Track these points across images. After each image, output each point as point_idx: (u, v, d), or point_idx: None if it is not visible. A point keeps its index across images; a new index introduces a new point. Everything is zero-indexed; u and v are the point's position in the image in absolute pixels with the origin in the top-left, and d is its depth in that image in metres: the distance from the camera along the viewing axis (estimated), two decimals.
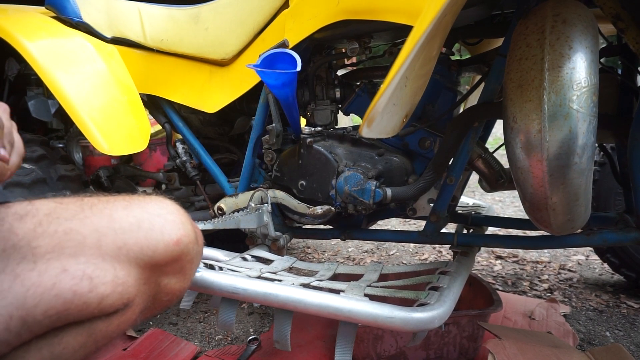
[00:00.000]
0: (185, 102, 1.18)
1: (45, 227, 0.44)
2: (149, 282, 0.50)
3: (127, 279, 0.47)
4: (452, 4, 0.55)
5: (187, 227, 0.54)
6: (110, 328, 0.48)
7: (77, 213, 0.47)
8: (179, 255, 0.52)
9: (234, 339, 1.19)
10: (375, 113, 0.62)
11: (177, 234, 0.52)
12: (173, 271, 0.53)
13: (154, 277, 0.51)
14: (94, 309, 0.44)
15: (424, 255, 1.86)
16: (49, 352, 0.44)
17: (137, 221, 0.49)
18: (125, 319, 0.49)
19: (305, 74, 1.07)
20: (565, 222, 0.75)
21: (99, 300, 0.44)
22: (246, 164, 1.12)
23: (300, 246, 2.04)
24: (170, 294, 0.55)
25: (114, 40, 1.18)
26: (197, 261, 0.57)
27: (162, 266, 0.51)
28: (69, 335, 0.45)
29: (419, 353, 0.97)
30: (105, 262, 0.45)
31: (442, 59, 0.99)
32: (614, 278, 1.54)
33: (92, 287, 0.44)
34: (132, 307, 0.49)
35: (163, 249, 0.50)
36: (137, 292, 0.49)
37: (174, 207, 0.55)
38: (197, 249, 0.56)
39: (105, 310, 0.46)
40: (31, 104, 1.69)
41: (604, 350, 0.81)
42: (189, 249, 0.54)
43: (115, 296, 0.45)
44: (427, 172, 0.92)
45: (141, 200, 0.53)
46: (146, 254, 0.49)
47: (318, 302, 0.73)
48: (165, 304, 0.57)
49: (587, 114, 0.66)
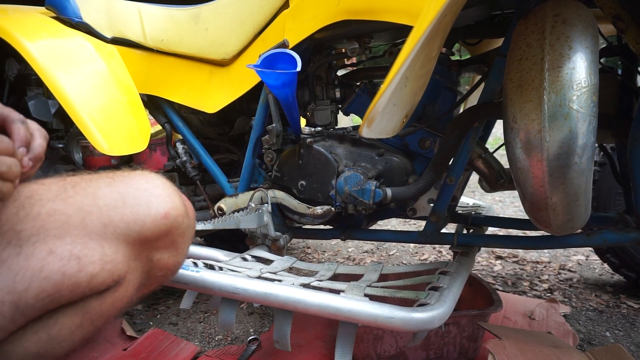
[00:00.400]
0: (185, 102, 1.18)
1: (27, 209, 0.44)
2: (139, 258, 0.50)
3: (115, 256, 0.46)
4: (452, 4, 0.55)
5: (175, 199, 0.53)
6: (104, 306, 0.47)
7: (59, 193, 0.46)
8: (169, 229, 0.51)
9: (234, 339, 1.19)
10: (375, 113, 0.62)
11: (165, 207, 0.51)
12: (164, 246, 0.52)
13: (145, 252, 0.50)
14: (84, 288, 0.44)
15: (424, 255, 1.86)
16: (45, 334, 0.44)
17: (122, 197, 0.49)
18: (119, 296, 0.48)
19: (305, 74, 1.07)
20: (565, 222, 0.75)
21: (89, 279, 0.44)
22: (246, 164, 1.12)
23: (300, 246, 2.04)
24: (164, 269, 0.54)
25: (114, 40, 1.18)
26: (189, 234, 0.56)
27: (152, 241, 0.50)
28: (64, 316, 0.45)
29: (419, 353, 0.97)
30: (91, 241, 0.45)
31: (442, 59, 0.99)
32: (614, 278, 1.54)
33: (81, 266, 0.44)
34: (124, 283, 0.48)
35: (151, 223, 0.49)
36: (128, 268, 0.48)
37: (160, 181, 0.53)
38: (187, 222, 0.55)
39: (97, 288, 0.45)
40: (31, 104, 1.69)
41: (604, 350, 0.81)
42: (179, 222, 0.52)
43: (105, 274, 0.45)
44: (427, 172, 0.92)
45: (125, 176, 0.52)
46: (133, 230, 0.48)
47: (318, 302, 0.73)
48: (160, 280, 0.56)
49: (587, 114, 0.66)
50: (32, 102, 1.71)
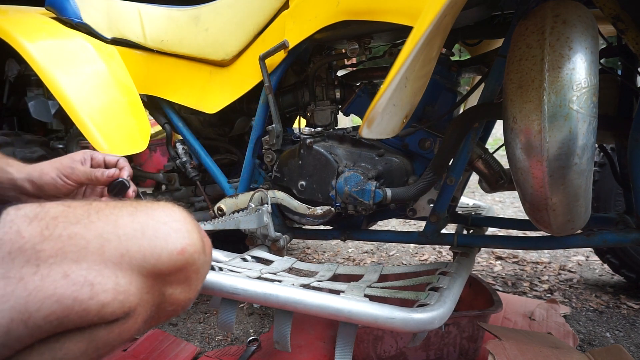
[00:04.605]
0: (185, 102, 1.18)
1: (51, 230, 0.44)
2: (152, 291, 0.49)
3: (129, 287, 0.46)
4: (451, 5, 0.55)
5: (194, 235, 0.52)
6: (112, 336, 0.47)
7: (83, 217, 0.46)
8: (184, 264, 0.51)
9: (233, 340, 1.19)
10: (375, 114, 0.62)
11: (182, 243, 0.50)
12: (178, 281, 0.52)
13: (158, 286, 0.50)
14: (93, 316, 0.44)
15: (424, 255, 1.86)
16: (50, 356, 0.44)
17: (142, 227, 0.48)
18: (127, 328, 0.48)
19: (305, 74, 1.07)
20: (565, 222, 0.75)
21: (99, 308, 0.44)
22: (246, 165, 1.12)
23: (300, 247, 2.04)
24: (175, 304, 0.54)
25: (114, 41, 1.18)
26: (203, 271, 0.56)
27: (166, 275, 0.50)
28: (70, 341, 0.45)
29: (419, 354, 0.97)
30: (107, 269, 0.45)
31: (442, 59, 0.99)
32: (614, 279, 1.54)
33: (93, 294, 0.43)
34: (134, 316, 0.48)
35: (167, 257, 0.49)
36: (140, 301, 0.48)
37: (182, 215, 0.53)
38: (203, 259, 0.54)
39: (106, 318, 0.45)
40: (31, 104, 1.69)
41: (604, 351, 0.81)
42: (195, 259, 0.52)
43: (116, 304, 0.45)
44: (427, 173, 0.92)
45: (148, 207, 0.52)
46: (149, 262, 0.48)
47: (318, 303, 0.72)
48: (169, 314, 0.55)
49: (587, 114, 0.66)
50: (32, 103, 1.71)
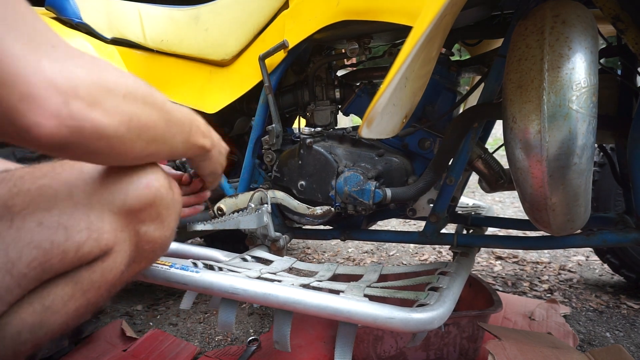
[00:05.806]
0: (185, 102, 1.17)
1: (19, 187, 0.47)
2: (126, 230, 0.52)
3: (101, 225, 0.48)
4: (451, 5, 0.55)
5: (157, 172, 0.55)
6: (94, 276, 0.49)
7: (48, 172, 0.49)
8: (152, 199, 0.53)
9: (233, 340, 1.19)
10: (374, 113, 0.62)
11: (148, 178, 0.53)
12: (150, 217, 0.54)
13: (132, 224, 0.52)
14: (72, 257, 0.46)
15: (424, 255, 1.86)
16: (40, 304, 0.46)
17: (107, 171, 0.51)
18: (108, 267, 0.50)
19: (305, 74, 1.07)
20: (564, 222, 0.75)
21: (77, 248, 0.46)
22: (246, 165, 1.12)
23: (300, 247, 2.04)
24: (152, 242, 0.56)
25: (113, 41, 1.18)
26: (174, 209, 0.58)
27: (137, 212, 0.52)
28: (56, 286, 0.47)
29: (419, 354, 0.97)
30: (78, 211, 0.47)
31: (442, 59, 0.99)
32: (614, 279, 1.54)
33: (68, 235, 0.46)
34: (112, 254, 0.50)
35: (134, 193, 0.52)
36: (115, 239, 0.50)
37: None
38: (172, 196, 0.57)
39: (85, 257, 0.47)
40: None
41: (604, 351, 0.81)
42: (162, 194, 0.55)
43: (92, 242, 0.47)
44: (427, 173, 0.92)
45: None
46: (118, 199, 0.50)
47: (318, 303, 0.72)
48: (150, 256, 0.58)
49: (587, 114, 0.66)
50: None
